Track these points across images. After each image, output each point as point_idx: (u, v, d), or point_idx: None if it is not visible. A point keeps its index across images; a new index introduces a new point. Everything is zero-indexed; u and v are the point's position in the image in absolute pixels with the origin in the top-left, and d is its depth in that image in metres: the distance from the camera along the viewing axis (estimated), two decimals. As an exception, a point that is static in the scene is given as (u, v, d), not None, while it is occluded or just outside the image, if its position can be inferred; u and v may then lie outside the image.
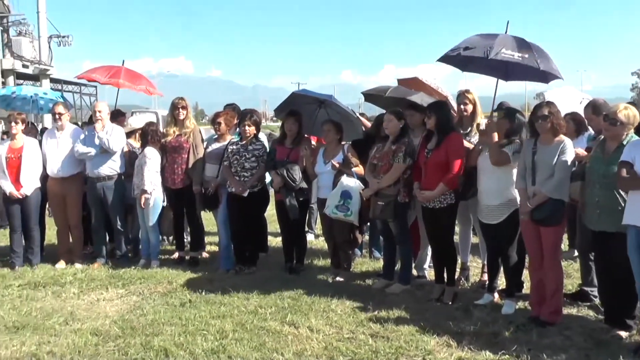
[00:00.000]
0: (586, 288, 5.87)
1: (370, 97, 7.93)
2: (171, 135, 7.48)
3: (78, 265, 7.47)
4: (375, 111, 8.46)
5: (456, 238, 6.47)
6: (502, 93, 7.81)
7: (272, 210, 7.70)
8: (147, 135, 7.48)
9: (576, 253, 6.62)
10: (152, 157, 7.36)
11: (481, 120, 6.28)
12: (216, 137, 7.56)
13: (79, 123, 10.67)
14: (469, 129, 6.32)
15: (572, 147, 5.17)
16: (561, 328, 5.07)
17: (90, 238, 8.05)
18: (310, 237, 8.79)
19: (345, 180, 6.50)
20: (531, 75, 6.55)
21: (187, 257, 7.74)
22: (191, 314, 5.49)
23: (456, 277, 6.25)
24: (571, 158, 5.11)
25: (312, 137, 7.87)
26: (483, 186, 5.67)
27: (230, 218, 7.20)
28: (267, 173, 7.20)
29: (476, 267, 6.86)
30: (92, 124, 7.63)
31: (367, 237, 8.05)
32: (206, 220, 7.95)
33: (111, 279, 6.82)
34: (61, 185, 7.56)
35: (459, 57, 6.46)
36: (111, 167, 7.53)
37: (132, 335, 5.02)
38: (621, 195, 4.72)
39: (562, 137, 5.16)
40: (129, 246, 7.97)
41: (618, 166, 4.62)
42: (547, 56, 6.43)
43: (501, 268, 5.80)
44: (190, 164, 7.39)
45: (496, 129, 5.57)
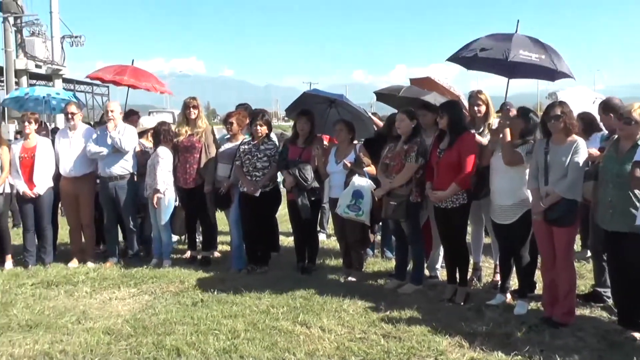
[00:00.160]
0: (599, 289, 5.82)
1: (382, 97, 7.90)
2: (183, 134, 7.52)
3: (90, 264, 7.52)
4: (387, 111, 8.44)
5: (468, 238, 6.44)
6: (514, 93, 7.77)
7: (284, 209, 7.70)
8: (160, 134, 7.50)
9: (589, 253, 6.57)
10: (165, 157, 7.39)
11: (493, 120, 6.26)
12: (228, 137, 7.58)
13: (91, 123, 10.71)
14: (482, 129, 6.30)
15: (585, 147, 5.13)
16: (574, 329, 5.03)
17: (102, 237, 8.11)
18: (322, 237, 8.79)
19: (357, 180, 6.50)
20: (537, 73, 6.54)
21: (199, 257, 7.78)
22: (203, 314, 5.50)
23: (468, 278, 6.22)
24: (584, 158, 5.07)
25: (324, 137, 7.87)
26: (496, 186, 5.65)
27: (242, 218, 7.21)
28: (280, 173, 7.22)
29: (488, 268, 6.85)
30: (104, 124, 7.66)
31: (379, 237, 8.05)
32: (218, 219, 7.97)
33: (123, 278, 6.86)
34: (73, 184, 7.60)
35: (475, 58, 6.44)
36: (123, 167, 7.56)
37: (144, 334, 5.03)
38: (635, 195, 4.67)
39: (575, 137, 5.12)
40: (141, 245, 8.00)
41: (632, 166, 4.58)
42: (559, 55, 6.44)
43: (513, 268, 5.78)
44: (202, 164, 7.42)
45: (511, 129, 5.53)
